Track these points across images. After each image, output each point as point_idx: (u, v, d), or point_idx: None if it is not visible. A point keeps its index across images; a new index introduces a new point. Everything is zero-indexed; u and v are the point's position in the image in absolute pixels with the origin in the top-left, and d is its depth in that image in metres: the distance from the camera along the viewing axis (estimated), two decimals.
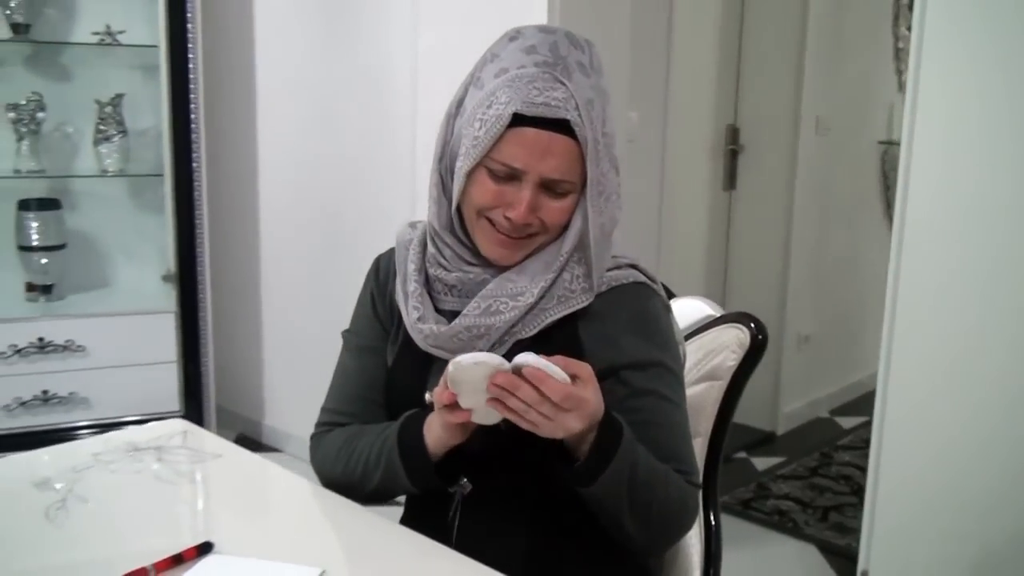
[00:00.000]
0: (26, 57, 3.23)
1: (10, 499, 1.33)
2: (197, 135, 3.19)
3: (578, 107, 1.20)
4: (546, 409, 1.10)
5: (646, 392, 1.28)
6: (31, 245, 3.18)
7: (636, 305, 1.31)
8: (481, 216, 1.26)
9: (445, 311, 1.30)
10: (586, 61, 1.24)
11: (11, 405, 3.06)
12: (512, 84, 1.21)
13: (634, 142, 2.90)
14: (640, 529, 1.23)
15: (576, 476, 1.18)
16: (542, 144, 1.20)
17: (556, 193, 1.24)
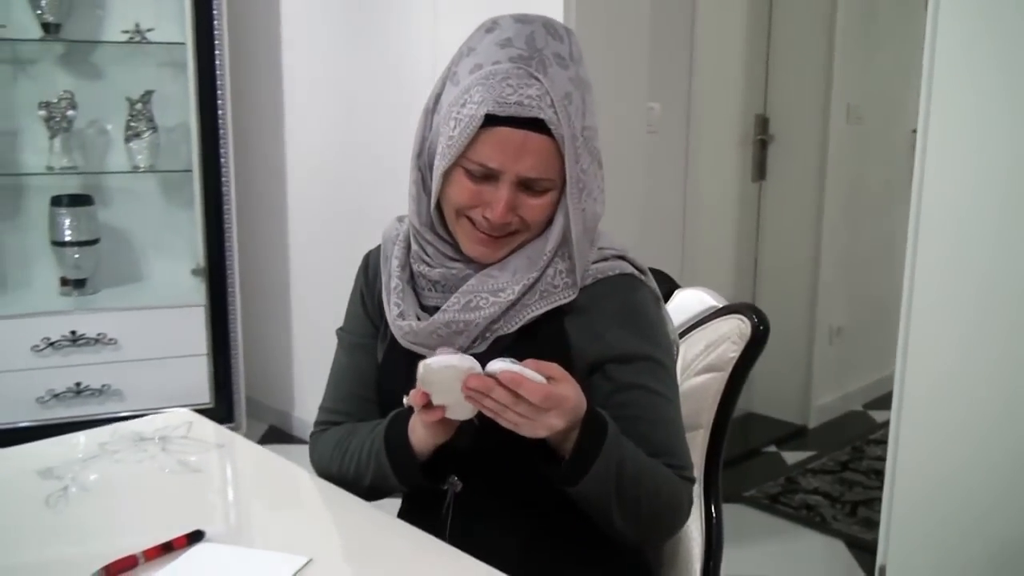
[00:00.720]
0: (58, 56, 3.29)
1: (13, 487, 1.35)
2: (224, 131, 3.23)
3: (553, 104, 1.17)
4: (523, 410, 1.09)
5: (633, 386, 1.26)
6: (64, 240, 3.24)
7: (622, 297, 1.29)
8: (461, 215, 1.24)
9: (429, 307, 1.29)
10: (565, 52, 1.22)
11: (44, 397, 3.12)
12: (485, 82, 1.18)
13: (656, 133, 2.88)
14: (630, 525, 1.22)
15: (561, 476, 1.17)
16: (517, 143, 1.18)
17: (535, 191, 1.22)
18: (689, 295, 1.60)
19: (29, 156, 3.29)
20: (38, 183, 3.30)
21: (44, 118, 3.19)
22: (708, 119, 3.26)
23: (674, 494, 1.25)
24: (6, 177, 3.27)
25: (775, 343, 3.98)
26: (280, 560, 1.13)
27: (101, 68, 3.37)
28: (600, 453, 1.15)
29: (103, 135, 3.41)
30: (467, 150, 1.20)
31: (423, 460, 1.27)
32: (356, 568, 1.18)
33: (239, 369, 3.39)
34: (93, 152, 3.39)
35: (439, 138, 1.23)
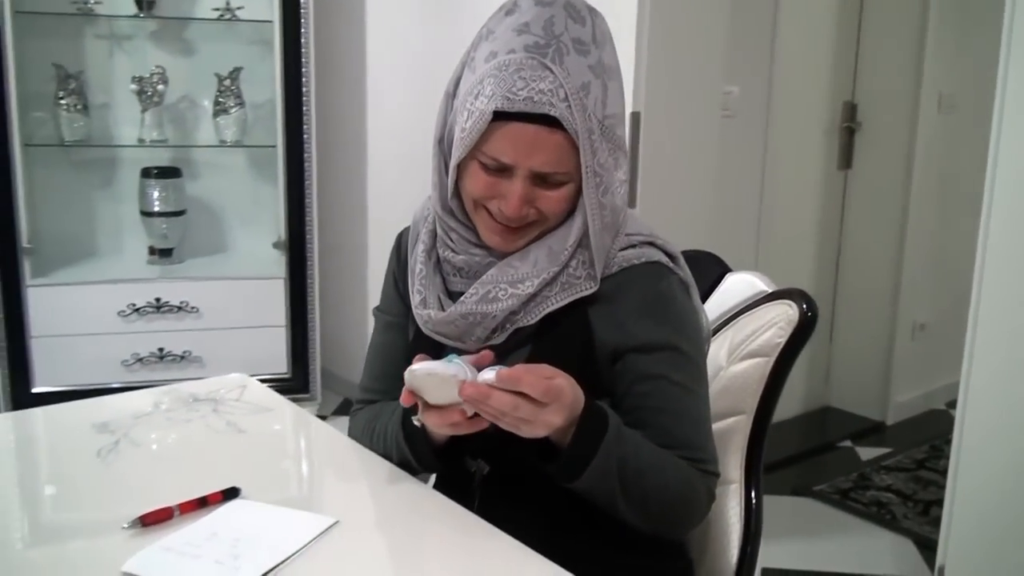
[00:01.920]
0: (151, 32, 3.40)
1: (70, 438, 1.42)
2: (308, 108, 3.29)
3: (568, 97, 1.15)
4: (524, 412, 1.08)
5: (654, 377, 1.24)
6: (153, 211, 3.36)
7: (648, 286, 1.26)
8: (479, 205, 1.24)
9: (455, 292, 1.29)
10: (586, 36, 1.18)
11: (129, 360, 3.25)
12: (498, 74, 1.16)
13: (734, 117, 2.83)
14: (639, 517, 1.22)
15: (559, 472, 1.16)
16: (529, 139, 1.16)
17: (551, 184, 1.20)
18: (739, 279, 1.58)
19: (122, 129, 3.42)
20: (130, 155, 3.43)
21: (136, 92, 3.31)
22: (791, 104, 3.19)
23: (688, 489, 1.23)
24: (100, 148, 3.40)
25: (856, 336, 3.94)
26: (308, 520, 1.16)
27: (192, 45, 3.48)
28: (599, 449, 1.14)
29: (193, 110, 3.51)
30: (480, 143, 1.18)
31: (442, 444, 1.28)
32: (380, 532, 1.20)
33: (316, 341, 3.46)
34: (183, 126, 3.51)
35: (455, 127, 1.22)
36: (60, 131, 3.25)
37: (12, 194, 3.03)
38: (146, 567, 1.05)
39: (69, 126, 3.25)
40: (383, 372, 1.42)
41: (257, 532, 1.13)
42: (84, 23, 3.31)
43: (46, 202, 3.32)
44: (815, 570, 2.65)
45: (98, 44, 3.37)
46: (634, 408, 1.24)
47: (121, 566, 1.05)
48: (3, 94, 2.95)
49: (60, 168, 3.36)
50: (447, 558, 1.15)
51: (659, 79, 2.49)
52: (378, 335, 1.45)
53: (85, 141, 3.31)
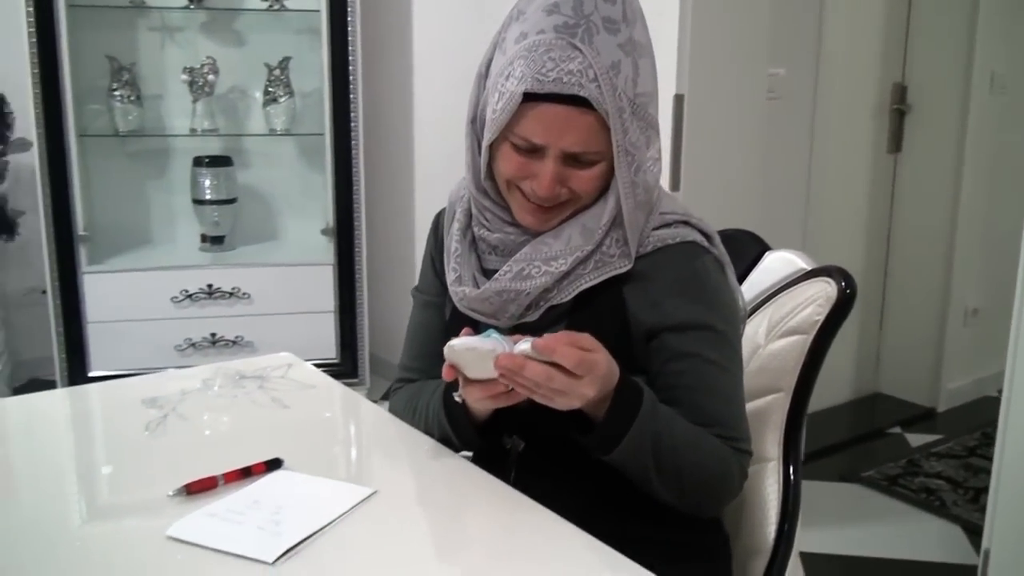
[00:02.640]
0: (201, 24, 3.47)
1: (121, 413, 1.46)
2: (355, 97, 3.33)
3: (597, 77, 1.15)
4: (558, 383, 1.09)
5: (689, 355, 1.25)
6: (204, 199, 3.43)
7: (682, 265, 1.27)
8: (512, 185, 1.25)
9: (490, 270, 1.30)
10: (616, 14, 1.18)
11: (182, 345, 3.32)
12: (528, 55, 1.16)
13: (780, 99, 2.81)
14: (673, 493, 1.23)
15: (594, 444, 1.18)
16: (560, 119, 1.17)
17: (583, 163, 1.21)
18: (778, 257, 1.58)
19: (174, 119, 3.49)
20: (182, 144, 3.50)
21: (188, 83, 3.37)
22: (839, 86, 3.15)
23: (721, 466, 1.23)
24: (153, 138, 3.48)
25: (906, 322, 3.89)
26: (347, 490, 1.19)
27: (242, 35, 3.53)
28: (634, 423, 1.15)
29: (243, 99, 3.57)
30: (512, 124, 1.19)
31: (482, 421, 1.30)
32: (416, 502, 1.23)
33: (364, 326, 3.51)
34: (233, 115, 3.57)
35: (487, 108, 1.24)
36: (114, 122, 3.33)
37: (68, 184, 3.11)
38: (190, 532, 1.09)
39: (123, 117, 3.33)
40: (421, 351, 1.44)
41: (298, 501, 1.16)
42: (136, 15, 3.38)
43: (101, 191, 3.41)
44: (862, 555, 2.63)
45: (150, 36, 3.44)
46: (668, 386, 1.25)
47: (166, 531, 1.08)
48: (58, 86, 3.03)
49: (114, 158, 3.44)
50: (484, 529, 1.17)
51: (703, 61, 2.48)
52: (416, 314, 1.47)
53: (138, 131, 3.38)
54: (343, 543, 1.08)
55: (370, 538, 1.10)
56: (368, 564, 1.06)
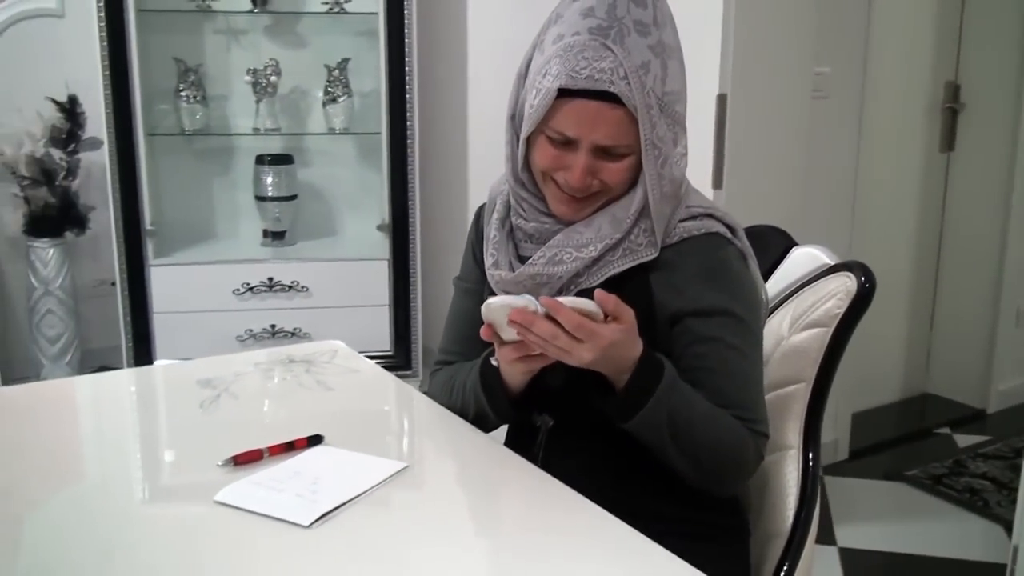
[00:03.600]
0: (264, 27, 3.60)
1: (176, 392, 1.58)
2: (411, 96, 3.43)
3: (627, 75, 1.23)
4: (562, 342, 1.18)
5: (710, 339, 1.31)
6: (266, 196, 3.56)
7: (706, 255, 1.34)
8: (547, 177, 1.33)
9: (525, 257, 1.38)
10: (647, 18, 1.27)
11: (243, 336, 3.45)
12: (563, 54, 1.25)
13: (827, 98, 2.83)
14: (689, 467, 1.29)
15: (614, 409, 1.26)
16: (591, 114, 1.26)
17: (613, 156, 1.29)
18: (803, 252, 1.63)
19: (238, 118, 3.62)
20: (245, 143, 3.63)
21: (251, 83, 3.50)
22: (889, 85, 3.16)
23: (737, 445, 1.29)
24: (218, 137, 3.62)
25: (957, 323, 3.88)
26: (382, 464, 1.28)
27: (303, 37, 3.65)
28: (653, 393, 1.23)
29: (304, 99, 3.69)
30: (547, 119, 1.28)
31: (516, 394, 1.37)
32: (445, 477, 1.31)
33: (418, 320, 3.60)
34: (295, 115, 3.69)
35: (525, 105, 1.32)
36: (181, 121, 3.47)
37: (136, 180, 3.26)
38: (235, 497, 1.18)
39: (190, 116, 3.47)
40: (460, 335, 1.52)
41: (334, 472, 1.25)
42: (203, 19, 3.52)
43: (168, 188, 3.55)
44: (902, 552, 2.65)
45: (216, 39, 3.58)
46: (689, 368, 1.32)
47: (214, 496, 1.18)
48: (128, 88, 3.18)
49: (181, 156, 3.59)
50: (508, 504, 1.25)
51: (746, 61, 2.52)
52: (456, 301, 1.56)
53: (204, 130, 3.52)
54: (374, 511, 1.17)
55: (399, 507, 1.19)
56: (396, 530, 1.14)
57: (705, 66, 2.52)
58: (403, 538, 1.12)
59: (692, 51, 2.52)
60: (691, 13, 2.56)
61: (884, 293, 3.38)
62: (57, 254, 3.37)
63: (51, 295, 3.37)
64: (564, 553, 1.10)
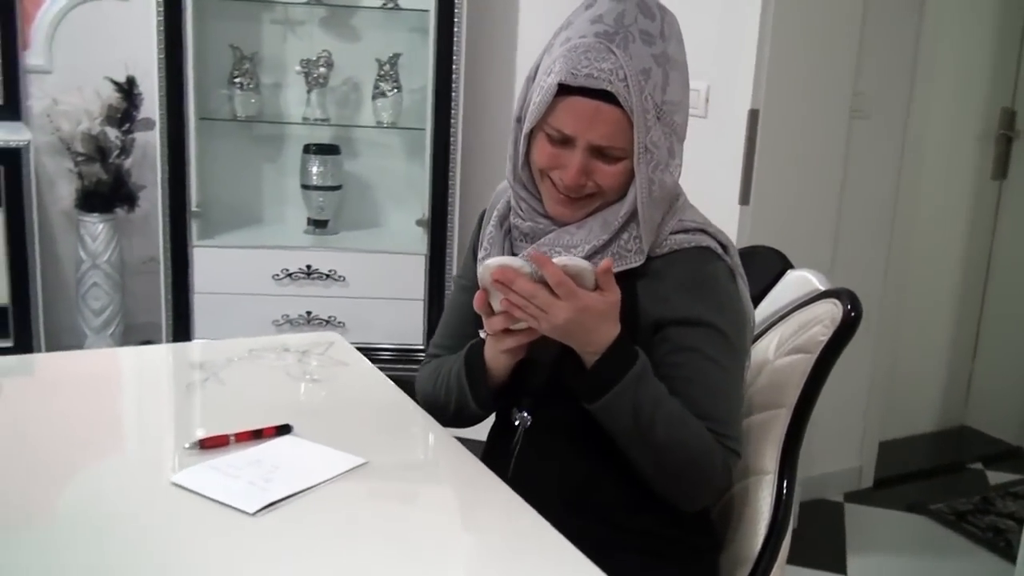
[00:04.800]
0: (320, 19, 3.65)
1: (165, 374, 1.63)
2: (456, 94, 3.45)
3: (626, 78, 1.26)
4: (540, 300, 1.22)
5: (690, 349, 1.32)
6: (312, 184, 3.61)
7: (695, 267, 1.35)
8: (544, 176, 1.36)
9: (518, 255, 1.39)
10: (654, 30, 1.29)
11: (279, 320, 3.52)
12: (568, 54, 1.29)
13: (867, 119, 2.77)
14: (653, 469, 1.30)
15: (581, 388, 1.28)
16: (589, 112, 1.28)
17: (608, 158, 1.31)
18: (796, 276, 1.62)
19: (290, 107, 3.69)
20: (294, 132, 3.70)
21: (303, 74, 3.57)
22: (938, 108, 3.07)
23: (705, 453, 1.29)
24: (268, 124, 3.69)
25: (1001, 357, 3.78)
26: (342, 458, 1.31)
27: (357, 31, 3.70)
28: (622, 379, 1.25)
29: (354, 92, 3.74)
30: (547, 116, 1.31)
31: (498, 383, 1.40)
32: (400, 475, 1.33)
33: None
34: (344, 106, 3.74)
35: (530, 104, 1.35)
36: (234, 107, 3.55)
37: (185, 162, 3.34)
38: (191, 480, 1.22)
39: (243, 103, 3.54)
40: (453, 330, 1.55)
41: (293, 463, 1.28)
42: (261, 9, 3.59)
43: (217, 171, 3.63)
44: None
45: (272, 28, 3.65)
46: (667, 377, 1.32)
47: (171, 477, 1.22)
48: (182, 72, 3.26)
49: (231, 141, 3.67)
50: (451, 508, 1.27)
51: (782, 76, 2.49)
52: (453, 297, 1.59)
53: (255, 117, 3.59)
54: (321, 504, 1.20)
55: (346, 503, 1.21)
56: (339, 525, 1.17)
57: (738, 80, 2.50)
58: (341, 534, 1.15)
59: (725, 64, 2.53)
60: (727, 24, 2.55)
61: (925, 320, 3.35)
62: (106, 229, 3.47)
63: (98, 269, 3.47)
64: (494, 559, 1.11)
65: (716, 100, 2.60)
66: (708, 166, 2.57)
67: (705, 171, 2.57)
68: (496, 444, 1.50)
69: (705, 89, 2.61)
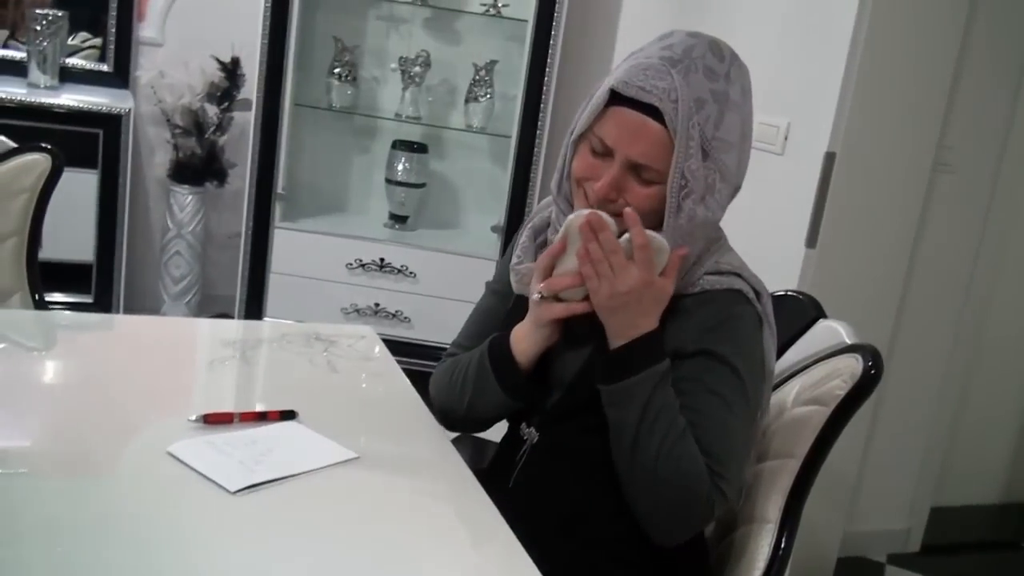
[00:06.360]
0: (424, 19, 3.72)
1: (196, 349, 1.68)
2: (545, 106, 3.47)
3: (678, 100, 1.26)
4: (615, 260, 1.25)
5: (699, 380, 1.31)
6: (397, 180, 3.68)
7: (723, 308, 1.34)
8: (580, 186, 1.36)
9: None
10: (720, 69, 1.30)
11: (348, 309, 3.59)
12: (628, 69, 1.30)
13: (953, 173, 2.69)
14: (641, 484, 1.28)
15: (606, 364, 1.29)
16: (634, 125, 1.28)
17: (643, 179, 1.31)
18: (825, 327, 1.59)
19: (384, 102, 3.77)
20: (386, 127, 3.77)
21: (401, 71, 3.64)
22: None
23: (694, 478, 1.27)
24: (361, 117, 3.77)
25: None
26: (335, 450, 1.33)
27: (458, 35, 3.76)
28: (647, 368, 1.27)
29: (449, 94, 3.80)
30: (594, 125, 1.32)
31: (525, 370, 1.40)
32: (387, 474, 1.34)
33: None
34: (437, 107, 3.80)
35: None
36: (330, 97, 3.64)
37: (276, 145, 3.44)
38: (185, 452, 1.26)
39: (339, 93, 3.63)
40: (477, 331, 1.56)
41: (286, 449, 1.31)
42: (368, 4, 3.68)
43: (305, 156, 3.74)
44: None
45: (376, 24, 3.73)
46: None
47: (168, 447, 1.26)
48: (283, 58, 3.36)
49: (323, 129, 3.76)
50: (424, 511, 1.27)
51: (864, 121, 2.43)
52: (483, 300, 1.61)
53: (350, 109, 3.68)
54: (305, 493, 1.23)
55: (327, 495, 1.24)
56: (313, 515, 1.19)
57: (818, 120, 2.45)
58: (312, 524, 1.17)
59: (807, 103, 2.48)
60: (811, 64, 2.50)
61: (999, 385, 3.20)
62: (194, 201, 3.60)
63: (182, 238, 3.61)
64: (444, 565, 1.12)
65: (795, 139, 2.55)
66: (779, 204, 2.53)
67: (776, 209, 2.54)
68: (503, 454, 1.51)
69: (785, 126, 2.57)
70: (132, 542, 1.07)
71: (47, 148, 2.03)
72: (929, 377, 2.86)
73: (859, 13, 2.36)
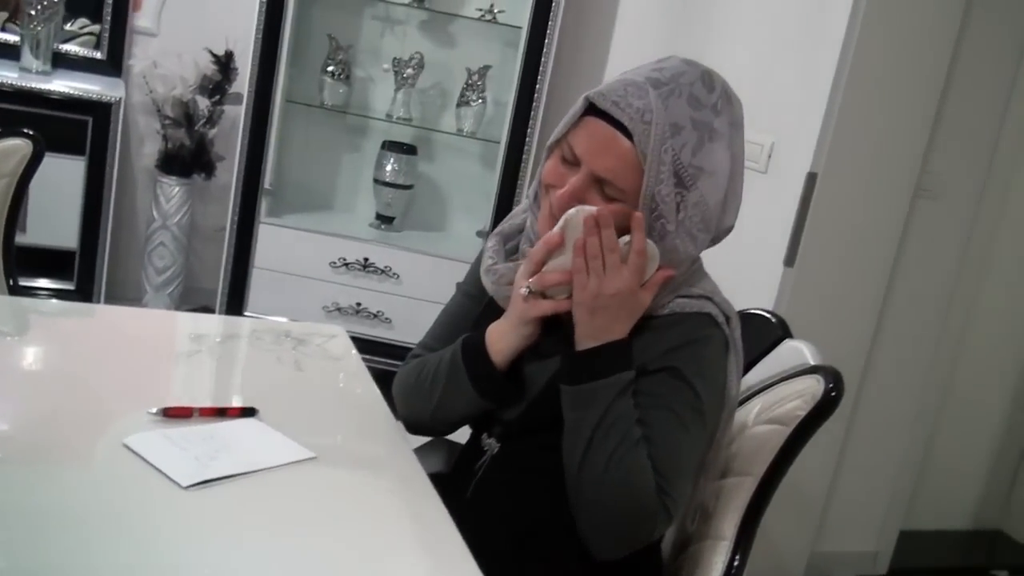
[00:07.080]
0: (420, 22, 3.73)
1: (165, 342, 1.68)
2: (536, 112, 3.48)
3: (651, 123, 1.25)
4: (611, 259, 1.25)
5: (658, 395, 1.30)
6: (384, 180, 3.68)
7: (691, 329, 1.34)
8: (545, 193, 1.36)
9: None
10: (707, 100, 1.29)
11: (329, 307, 3.59)
12: (613, 82, 1.30)
13: (934, 199, 2.70)
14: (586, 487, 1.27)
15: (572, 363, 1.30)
16: (603, 139, 1.28)
17: (605, 194, 1.30)
18: (791, 347, 1.59)
19: (376, 102, 3.77)
20: (376, 127, 3.78)
21: (394, 72, 3.64)
22: (1018, 198, 2.97)
23: (642, 490, 1.25)
24: (352, 116, 3.78)
25: None
26: (292, 449, 1.33)
27: (453, 38, 3.76)
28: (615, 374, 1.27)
29: (440, 97, 3.81)
30: (568, 133, 1.32)
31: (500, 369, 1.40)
32: (341, 474, 1.34)
33: None
34: (428, 109, 3.81)
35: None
36: (322, 94, 3.64)
37: (265, 140, 3.44)
38: (141, 444, 1.26)
39: (331, 91, 3.63)
40: (445, 333, 1.55)
41: (242, 446, 1.31)
42: (364, 3, 3.68)
43: (294, 153, 3.74)
44: None
45: (372, 24, 3.73)
46: None
47: (124, 439, 1.26)
48: (276, 54, 3.36)
49: (314, 126, 3.76)
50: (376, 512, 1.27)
51: (847, 145, 2.44)
52: (452, 302, 1.60)
53: (341, 107, 3.68)
54: (258, 491, 1.23)
55: (279, 493, 1.24)
56: (263, 513, 1.19)
57: (800, 140, 2.46)
58: (262, 523, 1.17)
59: (791, 122, 2.48)
60: (798, 84, 2.51)
61: (974, 411, 3.21)
62: (181, 193, 3.60)
63: (167, 229, 3.60)
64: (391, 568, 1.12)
65: (778, 158, 2.56)
66: (761, 222, 2.54)
67: (757, 226, 2.54)
68: (464, 461, 1.51)
69: (769, 145, 2.58)
70: (77, 532, 1.07)
71: (29, 134, 2.03)
72: (904, 400, 2.87)
73: (847, 35, 2.37)
